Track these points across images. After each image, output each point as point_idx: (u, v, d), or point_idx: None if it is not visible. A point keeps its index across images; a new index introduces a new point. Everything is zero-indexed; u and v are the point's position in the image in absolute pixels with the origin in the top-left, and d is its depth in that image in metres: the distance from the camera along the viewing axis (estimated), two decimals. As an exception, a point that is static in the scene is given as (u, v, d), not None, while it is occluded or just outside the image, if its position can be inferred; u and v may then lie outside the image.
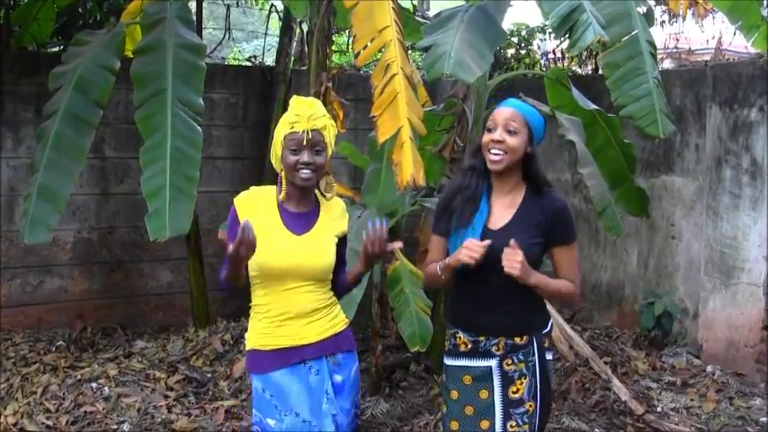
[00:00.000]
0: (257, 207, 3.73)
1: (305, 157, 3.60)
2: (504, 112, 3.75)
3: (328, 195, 3.84)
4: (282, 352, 3.70)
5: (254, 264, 3.61)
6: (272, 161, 3.77)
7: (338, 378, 3.81)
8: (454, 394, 3.84)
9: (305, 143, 3.59)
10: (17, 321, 7.74)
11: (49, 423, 5.94)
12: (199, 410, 6.27)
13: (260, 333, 3.75)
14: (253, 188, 3.84)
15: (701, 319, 7.68)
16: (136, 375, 6.79)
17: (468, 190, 3.80)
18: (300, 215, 3.76)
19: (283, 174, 3.72)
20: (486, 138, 3.73)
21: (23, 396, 6.30)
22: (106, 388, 6.48)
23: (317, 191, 3.83)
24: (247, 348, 3.81)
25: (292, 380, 3.69)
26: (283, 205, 3.76)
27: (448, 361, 3.92)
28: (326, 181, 3.85)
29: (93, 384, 6.53)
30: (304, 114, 3.61)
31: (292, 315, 3.71)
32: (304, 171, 3.62)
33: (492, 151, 3.70)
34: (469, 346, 3.82)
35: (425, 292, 6.18)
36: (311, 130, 3.60)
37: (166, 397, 6.45)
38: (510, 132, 3.69)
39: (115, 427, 5.93)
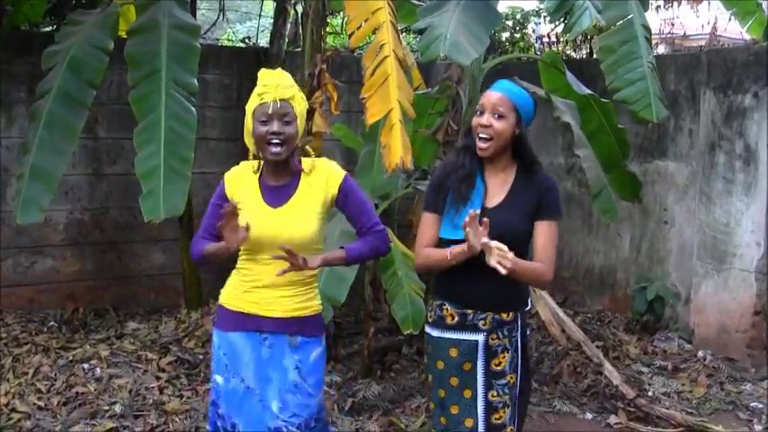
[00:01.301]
0: (242, 182, 3.81)
1: (274, 126, 3.61)
2: (492, 96, 3.80)
3: (305, 167, 3.82)
4: (243, 316, 3.77)
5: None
6: (245, 138, 3.79)
7: (296, 357, 3.80)
8: (440, 364, 3.90)
9: (273, 113, 3.61)
10: (9, 302, 7.72)
11: (41, 404, 5.93)
12: (190, 392, 6.27)
13: (231, 292, 3.85)
14: (243, 163, 3.89)
15: (692, 304, 7.70)
16: (128, 356, 6.78)
17: (463, 169, 3.83)
18: (278, 188, 3.77)
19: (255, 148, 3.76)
20: (475, 121, 3.80)
21: (15, 377, 6.29)
22: (98, 369, 6.48)
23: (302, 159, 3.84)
24: (219, 302, 3.91)
25: (246, 346, 3.76)
26: (263, 178, 3.79)
27: (433, 332, 3.95)
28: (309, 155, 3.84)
29: (85, 365, 6.52)
30: (272, 84, 3.64)
31: (263, 284, 3.74)
32: (274, 141, 3.62)
33: (480, 136, 3.76)
34: (456, 318, 3.87)
35: (418, 273, 6.18)
36: (280, 100, 3.61)
37: (158, 378, 6.44)
38: (497, 117, 3.74)
39: (107, 408, 5.92)
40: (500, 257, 3.52)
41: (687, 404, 6.47)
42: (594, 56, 6.73)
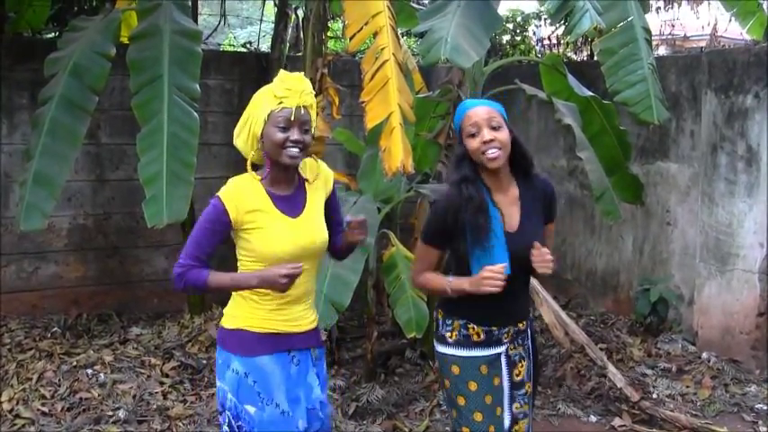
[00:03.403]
0: (246, 199, 3.51)
1: (295, 134, 3.43)
2: (481, 111, 3.71)
3: (310, 178, 3.74)
4: (274, 337, 3.56)
5: (262, 255, 3.49)
6: (241, 141, 3.61)
7: (314, 370, 3.72)
8: (473, 385, 3.79)
9: (295, 119, 3.43)
10: (12, 308, 7.73)
11: (45, 409, 5.94)
12: (194, 397, 6.28)
13: (253, 314, 3.57)
14: (232, 181, 3.60)
15: (696, 305, 7.69)
16: (131, 362, 6.79)
17: (473, 201, 3.68)
18: (290, 197, 3.60)
19: (254, 155, 3.58)
20: (475, 143, 3.67)
21: (19, 382, 6.30)
22: (102, 374, 6.49)
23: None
24: (230, 327, 3.61)
25: (275, 368, 3.55)
26: (271, 190, 3.57)
27: (460, 352, 3.83)
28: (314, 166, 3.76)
29: (89, 371, 6.53)
30: (296, 89, 3.44)
31: (292, 299, 3.57)
32: (292, 149, 3.45)
33: (489, 151, 3.65)
34: (483, 336, 3.80)
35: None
36: (302, 107, 3.45)
37: (162, 383, 6.45)
38: (495, 129, 3.67)
39: (110, 413, 5.92)
40: (543, 263, 3.67)
41: (692, 406, 6.46)
42: (595, 58, 6.72)
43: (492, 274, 3.58)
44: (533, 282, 6.79)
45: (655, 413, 6.12)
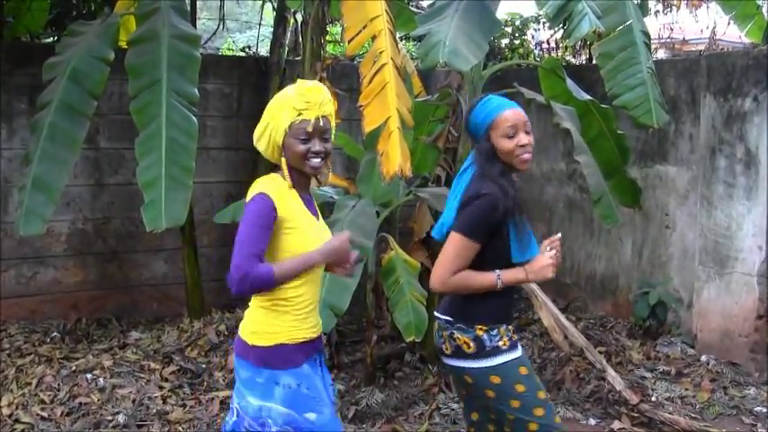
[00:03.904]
0: (285, 198, 3.46)
1: (316, 146, 3.42)
2: (518, 115, 3.86)
3: (323, 180, 3.76)
4: (307, 344, 3.54)
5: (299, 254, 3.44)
6: (263, 145, 3.53)
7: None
8: (536, 378, 4.02)
9: (314, 131, 3.42)
10: (12, 312, 7.72)
11: (44, 414, 5.93)
12: (194, 401, 6.27)
13: (288, 326, 3.49)
14: (265, 180, 3.51)
15: (695, 308, 7.69)
16: (131, 366, 6.78)
17: (516, 190, 3.79)
18: (309, 200, 3.62)
19: (283, 161, 3.50)
20: (511, 144, 3.80)
21: (18, 387, 6.29)
22: (101, 379, 6.47)
23: None
24: (270, 344, 3.49)
25: (314, 373, 3.57)
26: (300, 193, 3.55)
27: (516, 353, 3.88)
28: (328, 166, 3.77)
29: (88, 375, 6.51)
30: (315, 101, 3.42)
31: (314, 305, 3.59)
32: (314, 160, 3.44)
33: (524, 155, 3.82)
34: (515, 338, 3.93)
35: (421, 284, 6.18)
36: (321, 117, 3.43)
37: (161, 388, 6.44)
38: (528, 133, 3.85)
39: (110, 418, 5.92)
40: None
41: (691, 409, 6.47)
42: (594, 62, 6.73)
43: (553, 261, 3.81)
44: (533, 285, 6.80)
45: (654, 416, 6.12)
